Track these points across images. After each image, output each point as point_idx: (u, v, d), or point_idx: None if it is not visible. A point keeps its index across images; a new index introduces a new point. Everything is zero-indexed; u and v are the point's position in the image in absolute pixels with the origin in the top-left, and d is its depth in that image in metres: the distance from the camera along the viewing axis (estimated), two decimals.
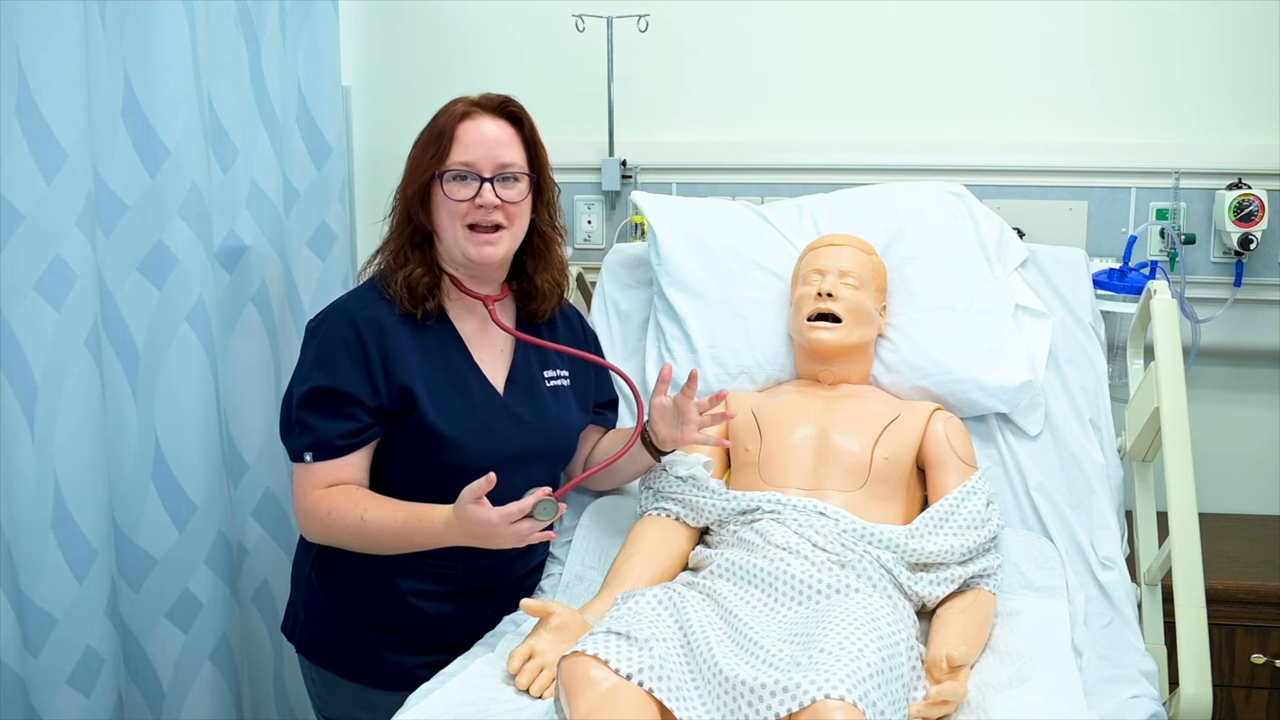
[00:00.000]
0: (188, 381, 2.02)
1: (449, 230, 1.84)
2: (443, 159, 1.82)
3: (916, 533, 1.79)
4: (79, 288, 1.82)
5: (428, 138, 1.85)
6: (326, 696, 1.95)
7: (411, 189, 1.84)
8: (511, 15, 2.68)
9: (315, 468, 1.81)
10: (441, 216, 1.84)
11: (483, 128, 1.83)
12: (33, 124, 1.74)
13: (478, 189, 1.81)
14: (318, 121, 2.37)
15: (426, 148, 1.84)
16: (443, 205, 1.83)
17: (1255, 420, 2.60)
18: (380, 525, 1.78)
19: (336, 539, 1.83)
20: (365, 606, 1.87)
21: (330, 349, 1.81)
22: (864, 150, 2.60)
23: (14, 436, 1.77)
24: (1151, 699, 1.64)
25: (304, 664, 1.97)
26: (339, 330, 1.82)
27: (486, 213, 1.82)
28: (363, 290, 1.90)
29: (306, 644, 1.94)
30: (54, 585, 1.84)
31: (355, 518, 1.78)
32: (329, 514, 1.80)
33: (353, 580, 1.87)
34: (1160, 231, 2.49)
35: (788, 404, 2.00)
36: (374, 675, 1.87)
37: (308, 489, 1.82)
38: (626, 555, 1.87)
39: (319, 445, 1.80)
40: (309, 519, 1.83)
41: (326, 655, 1.92)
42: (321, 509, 1.80)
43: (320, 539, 1.86)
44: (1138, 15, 2.51)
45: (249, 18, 2.21)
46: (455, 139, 1.82)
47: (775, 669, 1.44)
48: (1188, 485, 1.80)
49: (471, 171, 1.82)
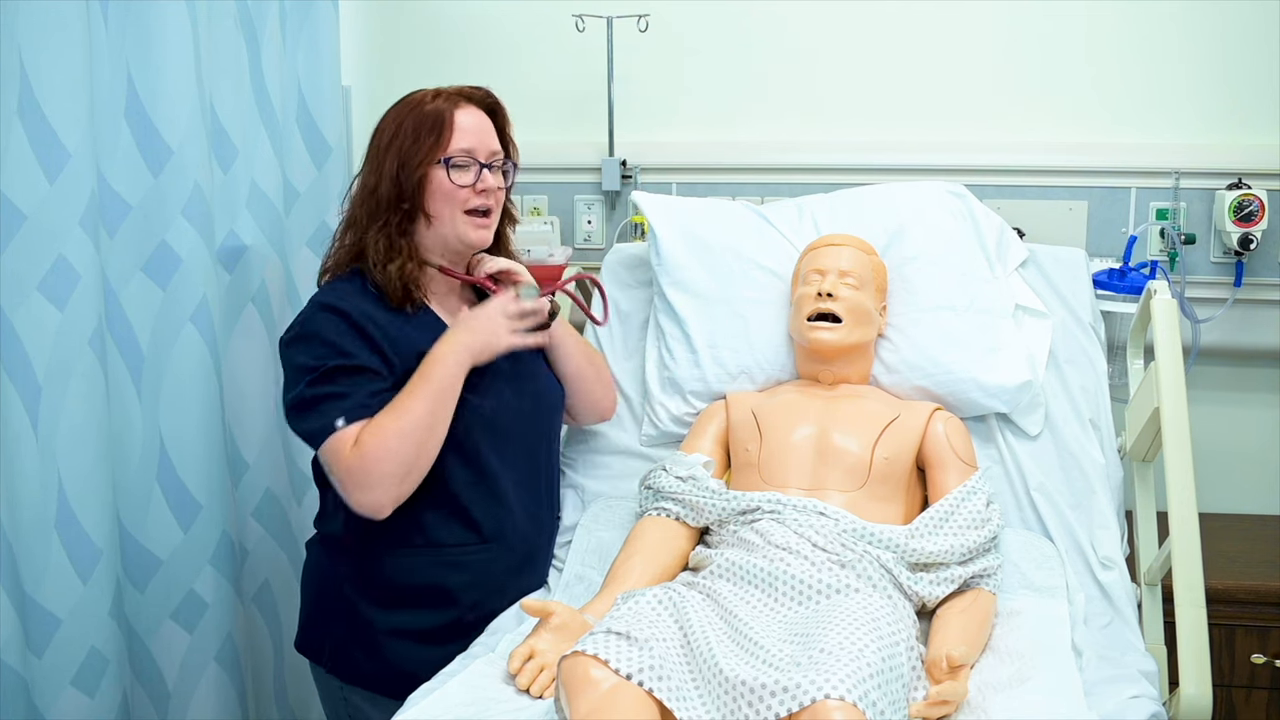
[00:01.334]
0: (192, 381, 2.02)
1: (446, 216, 1.86)
2: (444, 146, 1.85)
3: (917, 533, 1.80)
4: (82, 288, 1.82)
5: (419, 126, 1.85)
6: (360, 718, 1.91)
7: (412, 176, 1.84)
8: (511, 15, 2.69)
9: (348, 432, 1.74)
10: (437, 203, 1.86)
11: (474, 117, 1.89)
12: (35, 124, 1.74)
13: (477, 175, 1.86)
14: (318, 121, 2.37)
15: (422, 136, 1.85)
16: (440, 191, 1.85)
17: (1255, 420, 2.60)
18: (404, 408, 1.74)
19: (388, 468, 1.74)
20: (407, 613, 1.85)
21: (330, 339, 1.79)
22: (864, 150, 2.60)
23: (17, 436, 1.77)
24: (1151, 699, 1.64)
25: (332, 685, 1.92)
26: (333, 324, 1.80)
27: (485, 197, 1.88)
28: (338, 287, 1.87)
29: (341, 664, 1.90)
30: (58, 585, 1.84)
31: (384, 425, 1.73)
32: (367, 452, 1.72)
33: (394, 584, 1.86)
34: (1160, 231, 2.49)
35: (788, 404, 2.00)
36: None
37: (345, 454, 1.74)
38: (626, 555, 1.87)
39: (351, 409, 1.75)
40: (356, 474, 1.73)
41: (366, 676, 1.87)
42: (364, 452, 1.73)
43: (378, 490, 1.75)
44: (1138, 15, 2.51)
45: (249, 18, 2.21)
46: (455, 126, 1.85)
47: (775, 669, 1.44)
48: (1188, 485, 1.80)
49: (472, 158, 1.86)
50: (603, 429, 2.21)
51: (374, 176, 1.87)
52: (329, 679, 1.93)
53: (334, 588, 1.90)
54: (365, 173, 1.90)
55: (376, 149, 1.89)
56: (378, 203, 1.87)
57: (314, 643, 1.94)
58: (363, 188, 1.89)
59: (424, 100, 1.88)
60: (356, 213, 1.90)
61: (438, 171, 1.85)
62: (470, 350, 1.82)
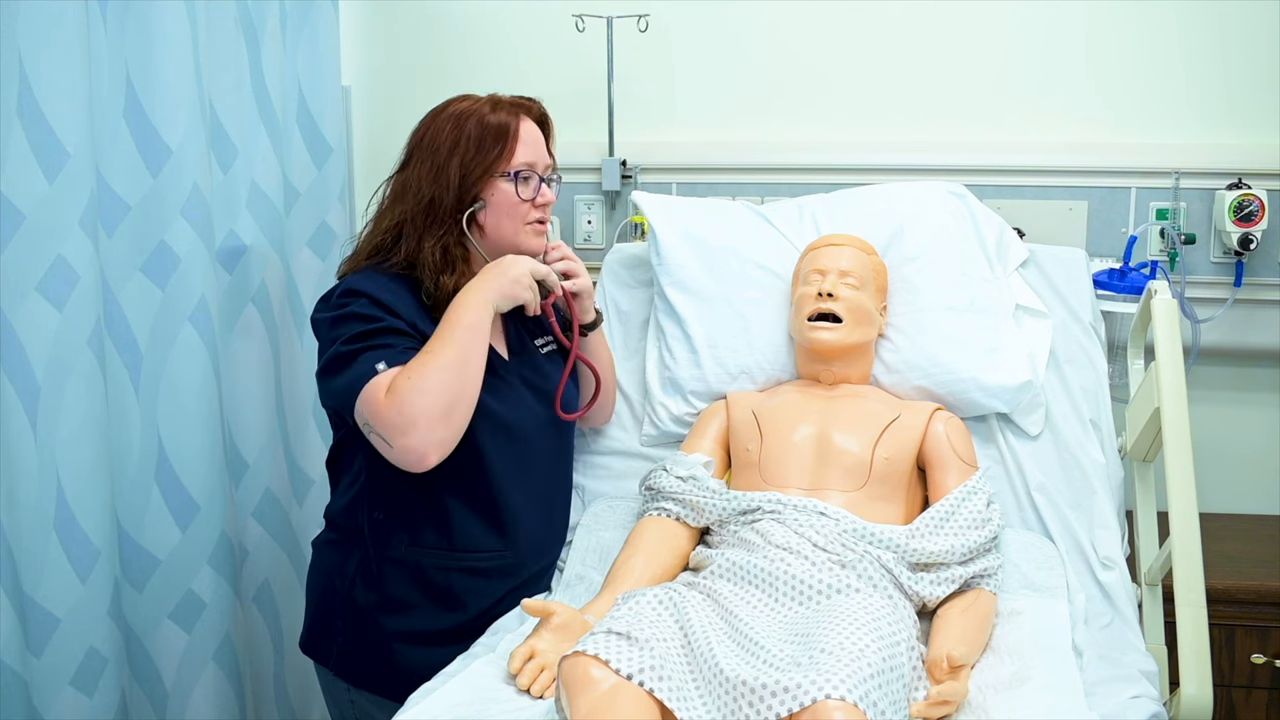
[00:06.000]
0: (190, 382, 2.02)
1: (508, 228, 1.87)
2: (508, 159, 1.85)
3: (917, 533, 1.80)
4: (81, 288, 1.82)
5: (483, 137, 1.84)
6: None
7: (474, 187, 1.84)
8: (511, 15, 2.68)
9: (386, 376, 1.71)
10: (499, 214, 1.86)
11: (533, 130, 1.90)
12: (34, 124, 1.74)
13: (538, 188, 1.88)
14: (318, 121, 2.37)
15: (486, 147, 1.84)
16: (504, 204, 1.86)
17: (1255, 420, 2.60)
18: (434, 349, 1.73)
19: (427, 404, 1.69)
20: (417, 614, 1.85)
21: (366, 311, 1.77)
22: (864, 150, 2.60)
23: (16, 436, 1.77)
24: (1152, 699, 1.64)
25: (339, 688, 1.92)
26: (366, 307, 1.78)
27: (544, 210, 1.90)
28: (370, 275, 1.84)
29: (349, 667, 1.89)
30: (56, 585, 1.84)
31: (417, 366, 1.71)
32: (402, 392, 1.69)
33: (404, 585, 1.85)
34: (1160, 231, 2.49)
35: (788, 404, 2.00)
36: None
37: (378, 399, 1.70)
38: (627, 555, 1.87)
39: (392, 355, 1.73)
40: (395, 417, 1.69)
41: (374, 679, 1.86)
42: (399, 392, 1.69)
43: (422, 428, 1.70)
44: (1138, 15, 2.51)
45: (249, 18, 2.21)
46: (520, 139, 1.86)
47: (776, 669, 1.44)
48: (1188, 485, 1.79)
49: (533, 171, 1.87)
50: (603, 429, 2.21)
51: (432, 186, 1.84)
52: (336, 681, 1.92)
53: (343, 589, 1.89)
54: (418, 179, 1.85)
55: (434, 156, 1.85)
56: (435, 212, 1.84)
57: (321, 644, 1.93)
58: (416, 195, 1.85)
59: (482, 110, 1.86)
60: (408, 218, 1.85)
61: (502, 184, 1.85)
62: (495, 292, 1.80)
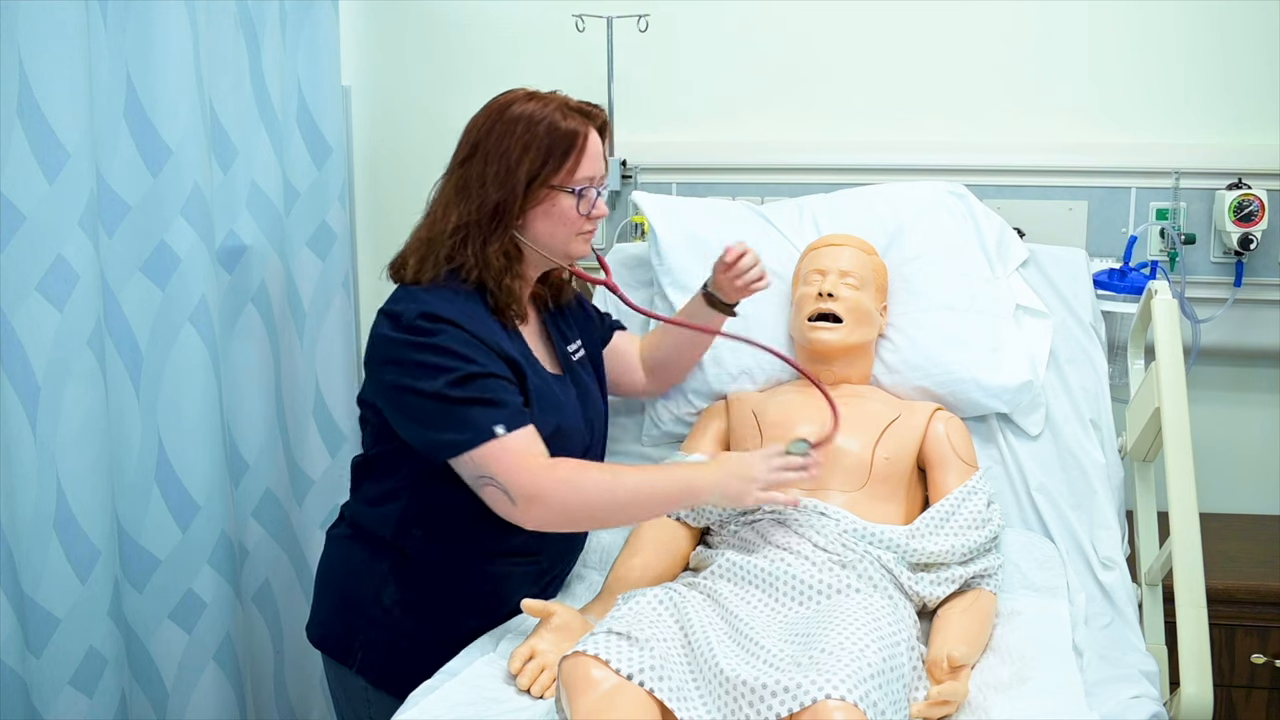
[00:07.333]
0: (191, 382, 2.02)
1: (560, 234, 1.81)
2: (573, 172, 1.79)
3: (917, 533, 1.80)
4: (81, 288, 1.82)
5: (553, 145, 1.77)
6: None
7: (536, 194, 1.78)
8: (511, 15, 2.68)
9: (510, 440, 1.67)
10: (553, 222, 1.80)
11: (597, 141, 1.83)
12: (34, 124, 1.75)
13: (594, 202, 1.82)
14: (318, 121, 2.37)
15: (554, 156, 1.78)
16: (562, 215, 1.80)
17: (1255, 420, 2.60)
18: (636, 480, 1.72)
19: (570, 506, 1.69)
20: (448, 618, 1.82)
21: (460, 348, 1.71)
22: (864, 150, 2.60)
23: (16, 437, 1.77)
24: (1152, 699, 1.64)
25: (357, 686, 1.87)
26: (457, 341, 1.72)
27: (597, 221, 1.84)
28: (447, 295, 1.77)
29: (371, 668, 1.85)
30: (56, 585, 1.84)
31: (608, 475, 1.71)
32: (570, 479, 1.68)
33: (438, 590, 1.82)
34: (1160, 231, 2.49)
35: (788, 404, 2.00)
36: None
37: (521, 463, 1.67)
38: (627, 556, 1.87)
39: (510, 416, 1.68)
40: (542, 493, 1.66)
41: (399, 679, 1.79)
42: (564, 480, 1.68)
43: (552, 515, 1.69)
44: (1138, 15, 2.51)
45: (249, 18, 2.21)
46: (585, 152, 1.80)
47: (776, 669, 1.44)
48: (1188, 485, 1.79)
49: (592, 185, 1.81)
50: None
51: (499, 190, 1.77)
52: (354, 679, 1.86)
53: (370, 590, 1.83)
54: (482, 179, 1.79)
55: (503, 158, 1.77)
56: (500, 216, 1.78)
57: (340, 641, 1.87)
58: (481, 197, 1.78)
59: (554, 116, 1.79)
60: (472, 220, 1.79)
61: (563, 197, 1.79)
62: (719, 496, 1.75)
